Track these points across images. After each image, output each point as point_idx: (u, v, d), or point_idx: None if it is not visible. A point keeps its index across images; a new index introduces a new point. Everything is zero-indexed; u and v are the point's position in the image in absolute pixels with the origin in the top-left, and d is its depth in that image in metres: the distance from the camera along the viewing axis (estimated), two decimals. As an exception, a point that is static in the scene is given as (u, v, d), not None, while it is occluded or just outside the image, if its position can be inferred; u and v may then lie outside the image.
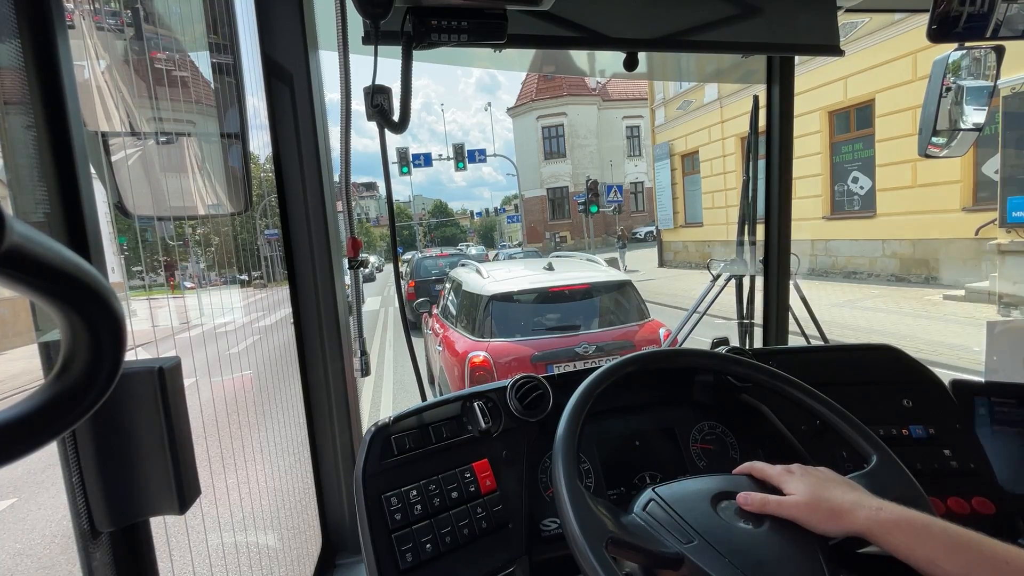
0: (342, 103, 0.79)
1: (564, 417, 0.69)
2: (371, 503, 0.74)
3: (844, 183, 10.38)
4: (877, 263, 9.79)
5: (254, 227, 1.89)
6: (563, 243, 27.47)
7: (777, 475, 0.63)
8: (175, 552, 0.91)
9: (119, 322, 0.28)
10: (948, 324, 6.32)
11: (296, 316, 1.06)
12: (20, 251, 0.21)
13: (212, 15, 0.88)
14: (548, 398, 0.88)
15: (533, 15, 0.97)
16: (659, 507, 0.62)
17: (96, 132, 0.69)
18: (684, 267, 16.00)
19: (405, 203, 59.60)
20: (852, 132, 10.21)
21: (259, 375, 1.59)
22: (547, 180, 30.08)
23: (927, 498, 0.62)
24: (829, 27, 1.13)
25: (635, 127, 30.89)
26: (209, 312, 1.64)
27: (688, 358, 0.82)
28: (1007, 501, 0.87)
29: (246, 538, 1.35)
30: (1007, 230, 6.42)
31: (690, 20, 1.05)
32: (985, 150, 7.43)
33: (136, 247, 1.18)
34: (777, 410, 0.91)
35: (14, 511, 3.55)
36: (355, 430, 1.12)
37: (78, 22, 0.73)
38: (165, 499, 0.51)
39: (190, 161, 0.92)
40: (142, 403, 0.49)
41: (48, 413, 0.27)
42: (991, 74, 1.09)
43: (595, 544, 0.54)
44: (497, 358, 3.53)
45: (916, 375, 1.01)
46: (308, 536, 1.23)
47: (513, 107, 31.06)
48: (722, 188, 13.94)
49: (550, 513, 0.84)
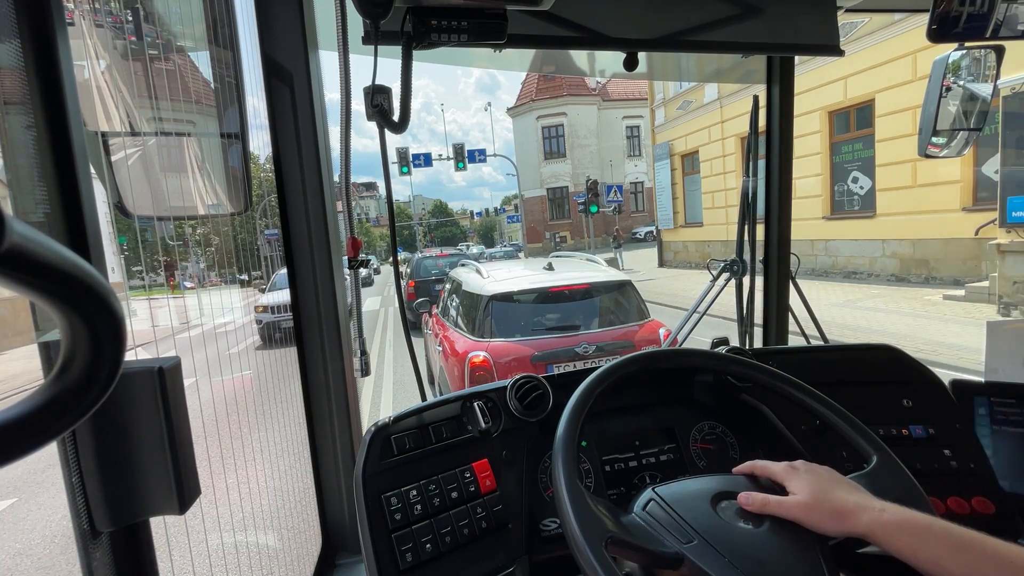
0: (342, 103, 0.79)
1: (564, 417, 0.69)
2: (371, 503, 0.74)
3: (844, 183, 10.38)
4: (877, 263, 9.79)
5: (254, 227, 1.89)
6: (563, 243, 27.48)
7: (781, 471, 0.63)
8: (175, 552, 0.91)
9: (119, 322, 0.28)
10: (948, 324, 6.32)
11: (296, 316, 1.06)
12: (20, 251, 0.21)
13: (212, 15, 0.88)
14: (548, 398, 0.88)
15: (533, 15, 0.97)
16: (659, 507, 0.62)
17: (96, 132, 0.69)
18: (684, 267, 16.00)
19: (405, 203, 59.64)
20: (852, 132, 10.21)
21: (259, 375, 1.59)
22: (547, 180, 30.09)
23: (927, 498, 0.61)
24: (829, 27, 1.13)
25: (635, 127, 30.90)
26: (209, 312, 1.64)
27: (688, 358, 0.82)
28: (1007, 501, 0.87)
29: (246, 538, 1.35)
30: (1007, 230, 6.42)
31: (690, 20, 1.05)
32: (985, 150, 7.44)
33: (136, 247, 1.18)
34: (777, 410, 0.91)
35: (14, 511, 3.55)
36: (355, 430, 1.12)
37: (78, 22, 0.73)
38: (165, 499, 0.51)
39: (190, 161, 0.92)
40: (142, 403, 0.49)
41: (48, 413, 0.27)
42: (991, 74, 1.09)
43: (595, 544, 0.54)
44: (497, 358, 3.53)
45: (916, 375, 1.01)
46: (308, 536, 1.23)
47: (513, 107, 31.07)
48: (722, 188, 13.94)
49: (550, 513, 0.84)
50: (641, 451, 0.92)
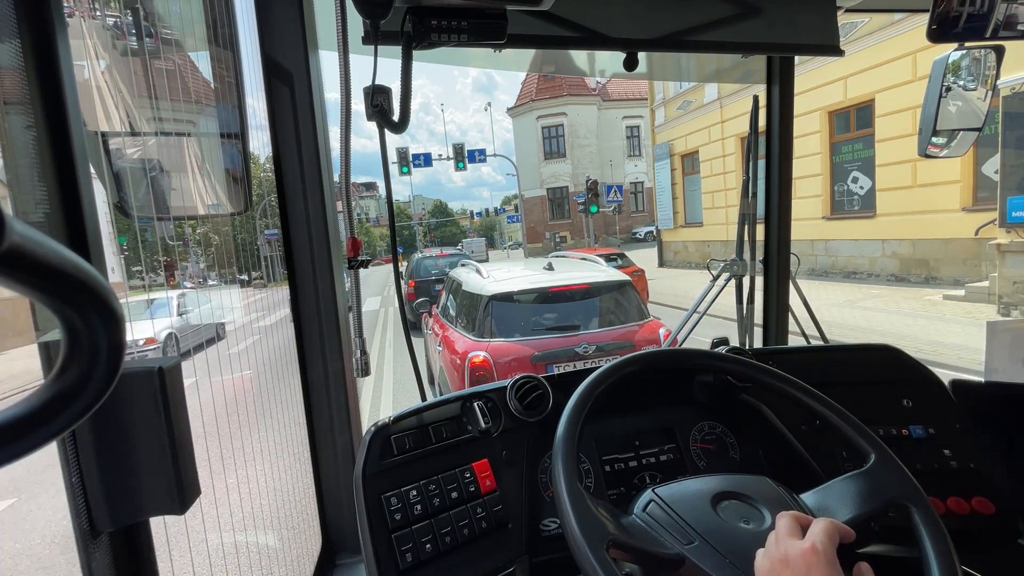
0: (342, 103, 0.79)
1: (564, 417, 0.69)
2: (371, 503, 0.74)
3: (844, 183, 10.38)
4: (877, 263, 9.79)
5: (254, 227, 1.89)
6: (563, 243, 27.45)
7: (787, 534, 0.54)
8: (175, 552, 0.91)
9: (119, 322, 0.28)
10: (948, 324, 6.32)
11: (296, 316, 1.06)
12: (20, 251, 0.21)
13: (212, 15, 0.88)
14: (548, 398, 0.88)
15: (533, 15, 0.97)
16: (659, 508, 0.62)
17: (96, 132, 0.69)
18: (684, 267, 15.99)
19: (405, 203, 59.59)
20: (852, 132, 10.21)
21: (259, 375, 1.59)
22: (547, 180, 30.06)
23: (926, 497, 0.61)
24: (829, 27, 1.13)
25: (635, 127, 30.87)
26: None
27: (688, 358, 0.82)
28: (1007, 501, 0.87)
29: (246, 538, 1.35)
30: (1007, 230, 6.41)
31: (690, 20, 1.05)
32: (985, 150, 7.43)
33: (136, 247, 1.18)
34: (777, 410, 0.91)
35: (14, 511, 3.55)
36: (355, 430, 1.12)
37: (78, 22, 0.72)
38: (165, 499, 0.51)
39: (190, 161, 0.92)
40: (142, 403, 0.49)
41: (48, 413, 0.27)
42: (991, 74, 1.09)
43: (596, 546, 0.54)
44: (497, 358, 3.53)
45: (916, 375, 1.01)
46: (308, 536, 1.23)
47: (513, 107, 31.05)
48: (722, 188, 13.93)
49: (550, 513, 0.84)
50: (641, 451, 0.92)
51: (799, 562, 0.50)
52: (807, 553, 0.50)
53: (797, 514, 0.56)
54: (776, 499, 0.64)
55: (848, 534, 0.55)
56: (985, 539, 0.86)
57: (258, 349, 1.64)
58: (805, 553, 0.50)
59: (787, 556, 0.51)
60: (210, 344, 1.54)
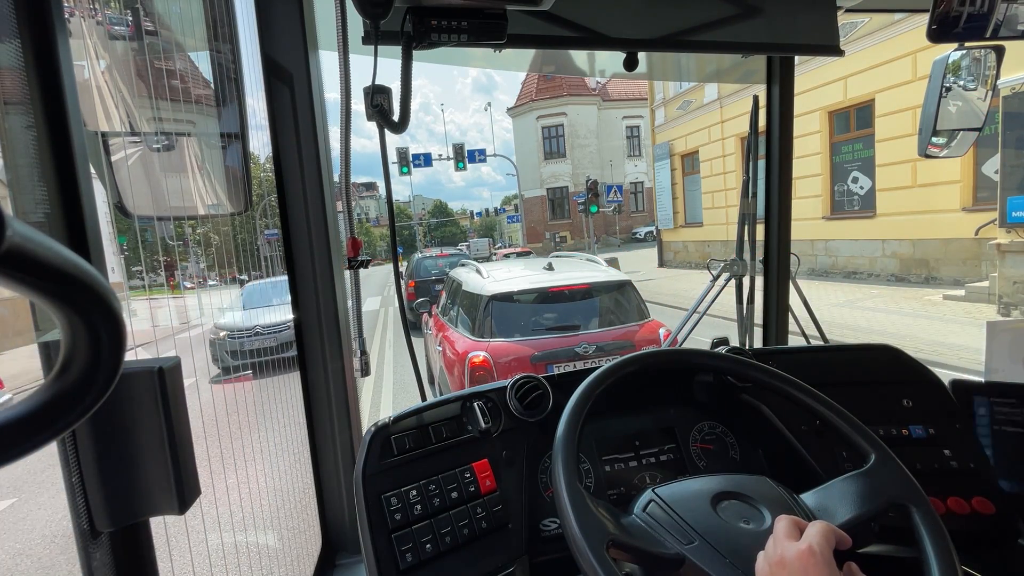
0: (342, 103, 0.79)
1: (564, 417, 0.69)
2: (371, 503, 0.74)
3: (844, 183, 10.37)
4: (877, 263, 9.78)
5: (254, 227, 1.89)
6: (563, 243, 27.45)
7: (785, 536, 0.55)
8: (175, 552, 0.91)
9: (119, 322, 0.28)
10: (948, 324, 6.32)
11: (296, 316, 1.06)
12: (20, 251, 0.21)
13: (212, 15, 0.88)
14: (548, 398, 0.88)
15: (533, 15, 0.97)
16: (659, 508, 0.62)
17: (96, 132, 0.69)
18: (684, 267, 15.99)
19: (405, 203, 59.58)
20: (852, 132, 10.21)
21: (259, 375, 1.59)
22: (547, 180, 30.06)
23: (926, 497, 0.61)
24: (829, 27, 1.13)
25: (635, 127, 30.88)
26: (209, 312, 1.64)
27: (688, 358, 0.82)
28: (1007, 501, 0.87)
29: (246, 538, 1.35)
30: (1007, 230, 6.41)
31: (690, 20, 1.05)
32: (985, 150, 7.43)
33: (136, 247, 1.18)
34: (777, 410, 0.91)
35: (14, 511, 3.55)
36: (355, 430, 1.12)
37: (78, 22, 0.72)
38: (165, 499, 0.51)
39: (190, 161, 0.92)
40: (142, 403, 0.49)
41: (48, 413, 0.27)
42: (991, 74, 1.09)
43: (596, 546, 0.54)
44: (497, 358, 3.53)
45: (916, 375, 1.01)
46: (308, 536, 1.23)
47: (513, 107, 31.05)
48: (722, 188, 13.93)
49: (550, 513, 0.84)
50: (641, 451, 0.92)
51: (795, 564, 0.51)
52: (803, 554, 0.51)
53: (795, 518, 0.56)
54: (776, 499, 0.64)
55: (844, 540, 0.55)
56: (985, 539, 0.86)
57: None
58: (801, 555, 0.51)
59: (784, 558, 0.52)
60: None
